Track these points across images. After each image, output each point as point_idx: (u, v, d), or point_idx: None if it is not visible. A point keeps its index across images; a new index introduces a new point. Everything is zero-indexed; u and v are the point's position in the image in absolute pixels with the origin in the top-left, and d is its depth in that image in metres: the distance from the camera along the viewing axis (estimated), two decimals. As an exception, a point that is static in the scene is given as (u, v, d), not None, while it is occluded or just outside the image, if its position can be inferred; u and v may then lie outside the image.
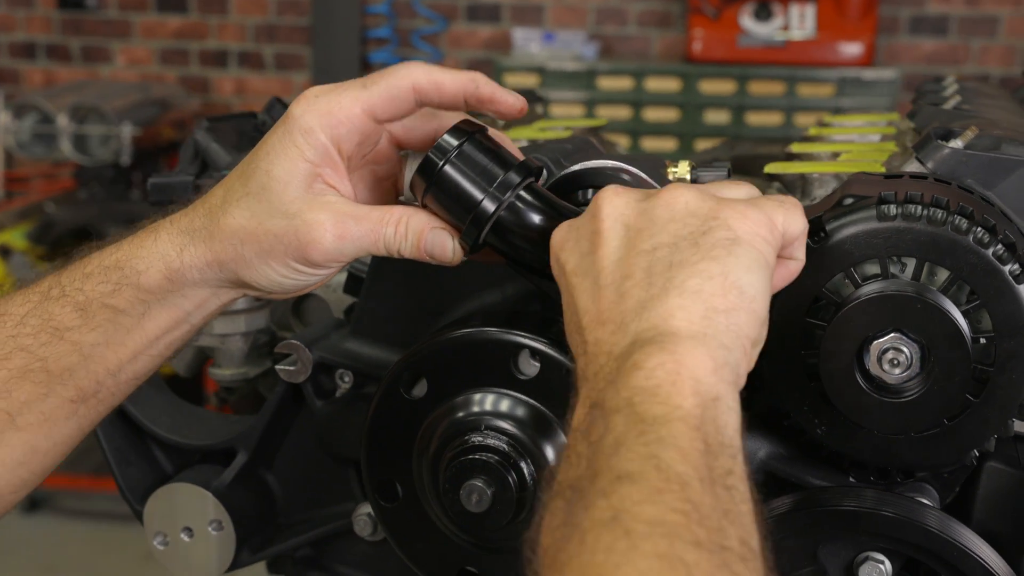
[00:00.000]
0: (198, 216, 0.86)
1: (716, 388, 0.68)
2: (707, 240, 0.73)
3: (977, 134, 1.04)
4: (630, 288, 0.73)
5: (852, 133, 1.45)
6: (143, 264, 0.86)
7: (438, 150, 0.83)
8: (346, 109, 0.83)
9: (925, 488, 0.91)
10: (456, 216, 0.84)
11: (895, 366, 0.84)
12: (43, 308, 0.86)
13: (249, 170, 0.85)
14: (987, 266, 0.84)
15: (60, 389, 0.87)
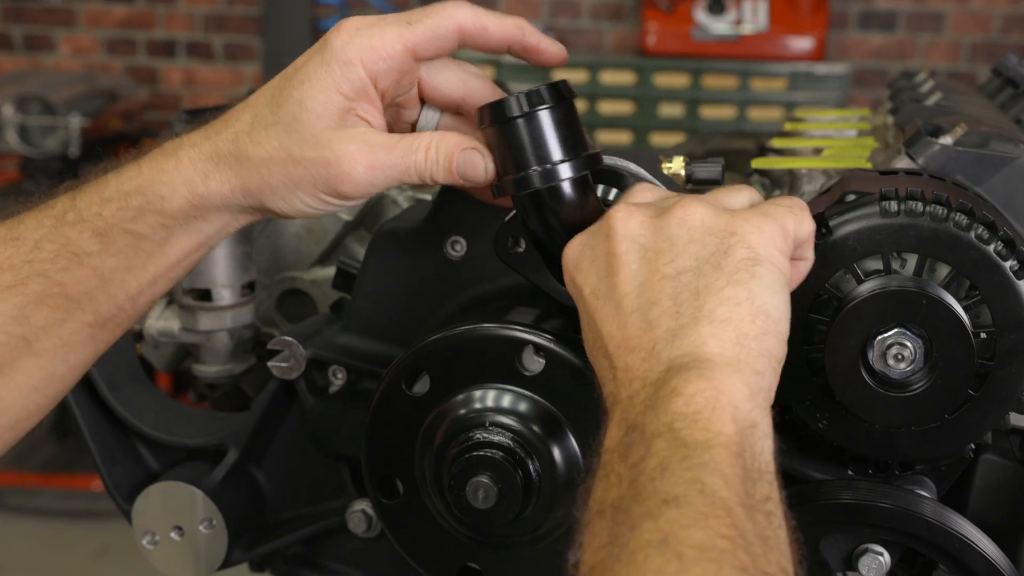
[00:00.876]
0: (223, 140, 0.84)
1: (752, 414, 0.69)
2: (729, 262, 0.74)
3: (966, 131, 1.05)
4: (658, 316, 0.74)
5: (828, 128, 1.47)
6: (166, 189, 0.84)
7: (533, 96, 0.83)
8: (388, 45, 0.82)
9: (923, 480, 0.92)
10: (509, 163, 0.84)
11: (899, 361, 0.85)
12: (59, 232, 0.84)
13: (281, 96, 0.83)
14: (988, 262, 0.85)
15: (79, 314, 0.86)
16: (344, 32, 0.83)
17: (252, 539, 1.11)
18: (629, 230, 0.77)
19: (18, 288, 0.84)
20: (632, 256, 0.76)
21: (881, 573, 0.91)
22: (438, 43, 0.84)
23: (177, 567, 1.09)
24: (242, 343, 1.23)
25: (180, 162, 0.84)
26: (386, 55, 0.82)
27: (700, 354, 0.71)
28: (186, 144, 0.85)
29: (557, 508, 0.91)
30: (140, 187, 0.84)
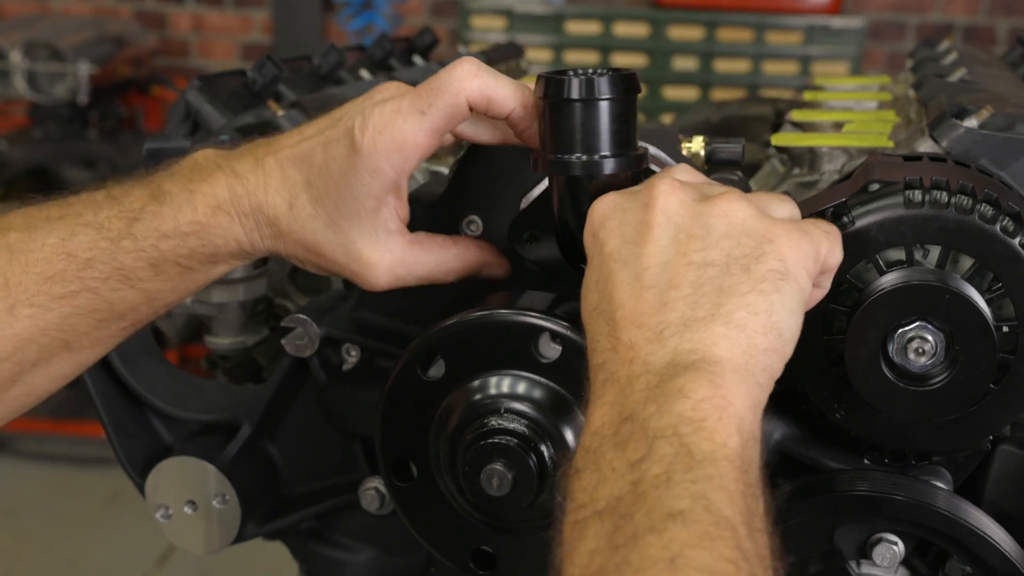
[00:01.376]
0: (268, 208, 0.90)
1: (754, 427, 0.69)
2: (758, 269, 0.73)
3: (992, 113, 1.03)
4: (675, 300, 0.73)
5: (849, 99, 1.45)
6: (220, 240, 0.90)
7: (599, 83, 0.82)
8: (411, 143, 0.87)
9: (939, 471, 0.92)
10: (555, 141, 0.83)
11: (920, 355, 0.84)
12: (114, 256, 0.90)
13: (316, 192, 0.89)
14: (1013, 255, 0.84)
15: (120, 322, 0.93)
16: (369, 135, 0.87)
17: (265, 514, 1.11)
18: (668, 205, 0.76)
19: (67, 299, 0.89)
20: (665, 231, 0.75)
21: (895, 562, 0.91)
22: (453, 120, 0.88)
23: (190, 541, 1.10)
24: (255, 315, 1.23)
25: (232, 220, 0.90)
26: (413, 150, 0.87)
27: (710, 354, 0.70)
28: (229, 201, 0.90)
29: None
30: (197, 232, 0.90)
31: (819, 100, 1.46)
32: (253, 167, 0.91)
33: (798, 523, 0.89)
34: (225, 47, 4.63)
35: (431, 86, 0.88)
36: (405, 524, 0.98)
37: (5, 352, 0.89)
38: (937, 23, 4.25)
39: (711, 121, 1.65)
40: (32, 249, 0.89)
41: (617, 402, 0.70)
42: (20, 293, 0.88)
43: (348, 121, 0.88)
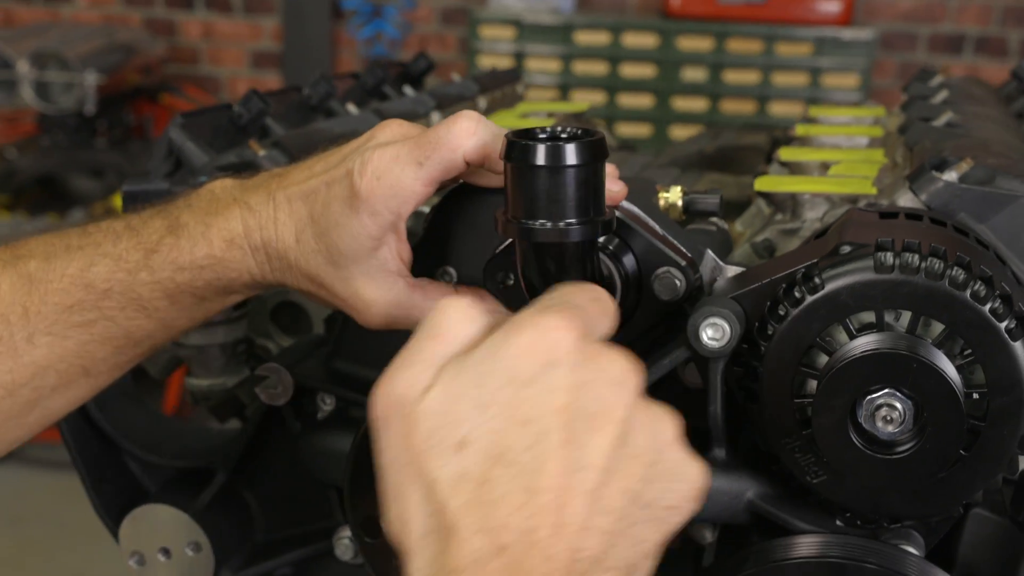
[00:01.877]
0: (272, 246, 0.92)
1: None
2: (667, 526, 0.66)
3: (972, 166, 1.02)
4: (597, 528, 0.63)
5: (839, 135, 1.44)
6: (234, 273, 0.93)
7: (565, 151, 0.79)
8: (408, 190, 0.88)
9: (911, 535, 0.91)
10: (519, 205, 0.82)
11: (888, 423, 0.83)
12: (131, 288, 0.92)
13: (319, 228, 0.90)
14: (983, 322, 0.83)
15: (136, 348, 0.96)
16: (367, 179, 0.88)
17: (240, 561, 1.11)
18: (632, 404, 0.66)
19: (85, 328, 0.92)
20: (619, 434, 0.65)
21: (866, 626, 0.90)
22: (449, 172, 0.89)
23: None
24: (235, 355, 1.22)
25: (245, 253, 0.92)
26: (408, 197, 0.88)
27: None
28: (242, 234, 0.92)
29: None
30: (212, 265, 0.92)
31: (810, 136, 1.45)
32: (265, 201, 0.92)
33: (765, 588, 0.88)
34: (235, 55, 4.64)
35: (430, 139, 0.89)
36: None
37: (24, 378, 0.92)
38: (949, 33, 4.22)
39: (705, 151, 1.64)
40: (51, 279, 0.92)
41: None
42: (39, 322, 0.91)
43: (349, 163, 0.90)
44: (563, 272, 0.85)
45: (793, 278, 0.88)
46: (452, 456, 0.60)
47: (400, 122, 0.94)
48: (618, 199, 0.92)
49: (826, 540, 0.89)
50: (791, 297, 0.87)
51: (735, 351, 0.90)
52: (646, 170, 1.50)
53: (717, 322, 0.89)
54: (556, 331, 0.64)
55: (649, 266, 0.93)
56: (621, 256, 0.93)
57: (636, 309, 0.94)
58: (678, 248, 0.93)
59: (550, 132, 0.84)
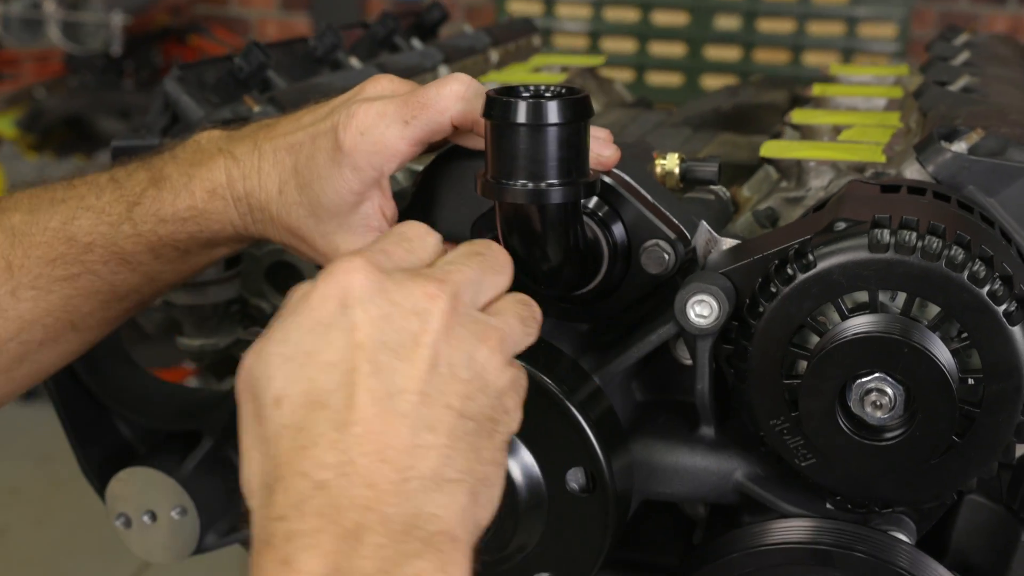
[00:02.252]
0: (255, 196, 0.90)
1: None
2: (498, 438, 0.67)
3: (983, 136, 0.98)
4: (429, 446, 0.64)
5: (857, 96, 1.39)
6: (217, 225, 0.91)
7: (547, 108, 0.76)
8: (392, 148, 0.86)
9: (903, 520, 0.88)
10: (499, 165, 0.79)
11: (878, 408, 0.80)
12: (113, 241, 0.91)
13: (303, 180, 0.88)
14: (980, 305, 0.79)
15: (123, 303, 0.95)
16: (351, 133, 0.85)
17: (227, 526, 1.10)
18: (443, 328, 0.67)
19: (69, 282, 0.92)
20: (431, 358, 0.67)
21: (853, 612, 0.87)
22: (435, 134, 0.87)
23: (149, 551, 1.09)
24: (229, 316, 1.20)
25: (227, 204, 0.90)
26: (392, 155, 0.86)
27: (449, 528, 0.62)
28: (225, 184, 0.90)
29: (519, 532, 0.88)
30: (195, 217, 0.91)
31: (826, 96, 1.40)
32: (250, 151, 0.91)
33: (748, 573, 0.86)
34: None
35: (418, 99, 0.86)
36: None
37: (10, 333, 0.91)
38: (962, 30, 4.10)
39: (722, 110, 1.59)
40: (34, 232, 0.91)
41: (336, 552, 0.59)
42: (23, 276, 0.91)
43: (335, 116, 0.88)
44: (544, 235, 0.82)
45: (786, 254, 0.84)
46: (274, 412, 0.63)
47: (391, 78, 0.92)
48: (609, 164, 0.89)
49: (812, 525, 0.86)
50: (782, 274, 0.84)
51: (725, 328, 0.87)
52: (658, 129, 1.46)
53: (705, 299, 0.86)
54: (348, 273, 0.66)
55: (638, 237, 0.90)
56: (610, 224, 0.90)
57: (624, 280, 0.91)
58: (669, 219, 0.90)
59: (533, 90, 0.81)
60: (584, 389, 0.88)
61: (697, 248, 0.93)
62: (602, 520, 0.87)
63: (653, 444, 0.92)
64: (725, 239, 0.93)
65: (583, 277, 0.90)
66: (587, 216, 0.90)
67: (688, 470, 0.91)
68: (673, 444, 0.92)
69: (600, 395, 0.89)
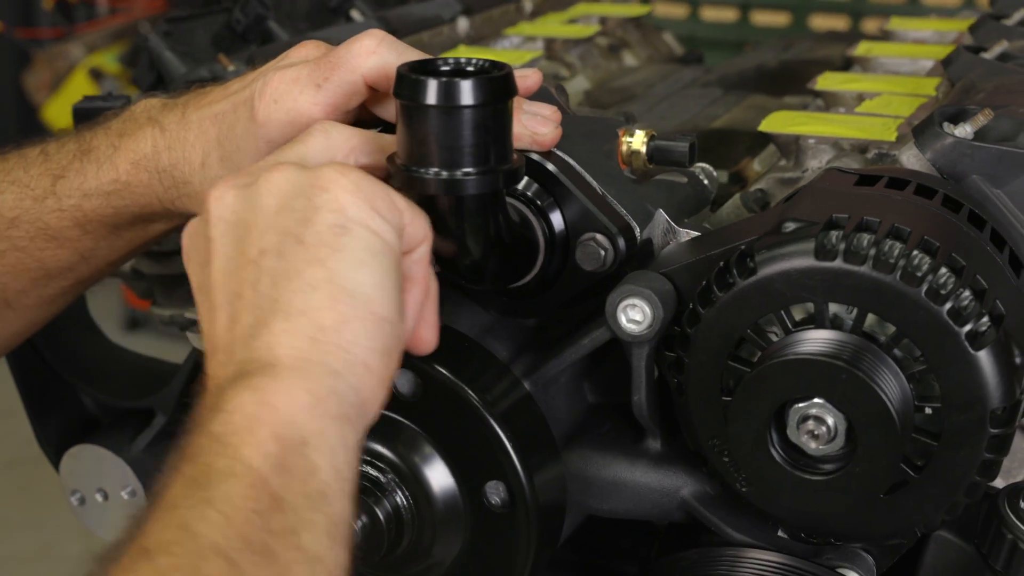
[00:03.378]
0: (178, 169, 0.85)
1: (308, 427, 0.59)
2: (312, 233, 0.64)
3: (992, 118, 0.86)
4: (240, 310, 0.64)
5: (903, 58, 1.25)
6: (143, 199, 0.86)
7: (462, 88, 0.69)
8: (305, 113, 0.80)
9: (859, 556, 0.78)
10: (409, 151, 0.71)
11: (814, 438, 0.71)
12: (38, 217, 0.88)
13: (224, 152, 0.83)
14: (938, 325, 0.69)
15: (58, 281, 0.91)
16: (265, 103, 0.80)
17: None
18: (223, 208, 0.67)
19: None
20: (225, 239, 0.66)
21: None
22: (353, 97, 0.80)
23: (103, 528, 1.06)
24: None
25: (152, 177, 0.85)
26: (305, 126, 0.78)
27: (269, 358, 0.61)
28: (152, 152, 0.85)
29: (437, 544, 0.82)
30: (119, 191, 0.86)
31: (869, 56, 1.27)
32: (178, 121, 0.86)
33: (678, 605, 0.78)
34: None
35: (329, 59, 0.80)
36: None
37: None
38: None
39: (766, 66, 1.47)
40: None
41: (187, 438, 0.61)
42: None
43: (254, 84, 0.82)
44: (461, 228, 0.74)
45: (730, 256, 0.75)
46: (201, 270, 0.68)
47: (317, 43, 0.85)
48: (546, 145, 0.80)
49: (740, 556, 0.77)
50: (722, 280, 0.74)
51: (669, 333, 0.78)
52: (686, 89, 1.35)
53: (637, 303, 0.77)
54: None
55: (576, 229, 0.81)
56: (548, 213, 0.81)
57: (560, 275, 0.82)
58: (612, 209, 0.81)
59: (453, 65, 0.73)
60: (508, 397, 0.80)
61: (654, 240, 0.84)
62: (523, 537, 0.80)
63: (589, 456, 0.84)
64: (684, 230, 0.84)
65: (514, 271, 0.82)
66: (523, 203, 0.82)
67: (627, 485, 0.83)
68: (612, 457, 0.83)
69: (527, 403, 0.81)
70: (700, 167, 0.97)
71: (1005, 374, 0.69)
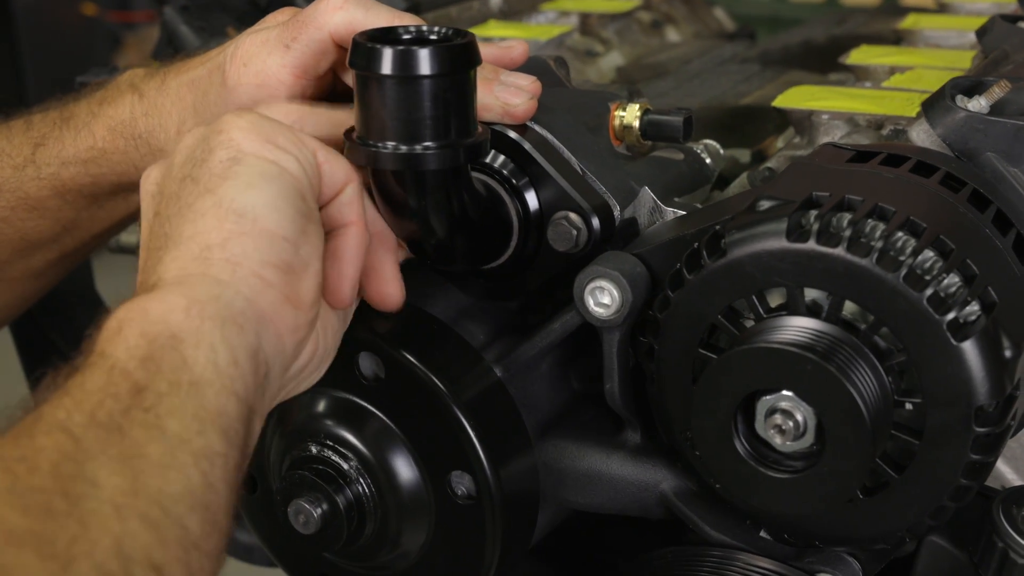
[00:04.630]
0: (154, 136, 0.84)
1: (182, 325, 0.57)
2: (205, 170, 0.63)
3: (1009, 90, 0.79)
4: (147, 261, 0.64)
5: (949, 30, 1.18)
6: (120, 167, 0.85)
7: (420, 57, 0.65)
8: (274, 76, 0.78)
9: (844, 560, 0.73)
10: (366, 124, 0.68)
11: (780, 432, 0.65)
12: (18, 186, 0.88)
13: (199, 119, 0.82)
14: (918, 314, 0.63)
15: (43, 252, 0.91)
16: (235, 66, 0.79)
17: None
18: (149, 184, 0.68)
19: None
20: (149, 211, 0.67)
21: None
22: (323, 57, 0.77)
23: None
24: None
25: (128, 144, 0.85)
26: (275, 89, 0.78)
27: (154, 283, 0.60)
28: (129, 124, 0.84)
29: (404, 533, 0.79)
30: (96, 159, 0.85)
31: (915, 28, 1.20)
32: (157, 87, 0.85)
33: (645, 605, 0.74)
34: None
35: (297, 18, 0.78)
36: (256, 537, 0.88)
37: None
38: None
39: (813, 41, 1.40)
40: None
41: None
42: None
43: (228, 49, 0.81)
44: (422, 205, 0.71)
45: (703, 236, 0.70)
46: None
47: (293, 9, 0.82)
48: (519, 117, 0.76)
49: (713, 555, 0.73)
50: (693, 262, 0.69)
51: (644, 319, 0.74)
52: (723, 65, 1.29)
53: (605, 285, 0.72)
54: None
55: (550, 207, 0.77)
56: (524, 191, 0.77)
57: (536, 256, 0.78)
58: (589, 188, 0.77)
59: (415, 34, 0.69)
60: (476, 384, 0.77)
61: (640, 220, 0.79)
62: (490, 529, 0.76)
63: (565, 446, 0.79)
64: (671, 209, 0.79)
65: (487, 251, 0.78)
66: (496, 181, 0.78)
67: (603, 478, 0.79)
68: (587, 447, 0.79)
69: (496, 390, 0.77)
70: (704, 144, 0.92)
71: (993, 368, 0.63)
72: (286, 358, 0.63)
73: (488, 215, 0.76)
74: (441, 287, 0.82)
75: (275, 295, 0.61)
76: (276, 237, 0.61)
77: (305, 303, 0.63)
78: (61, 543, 0.47)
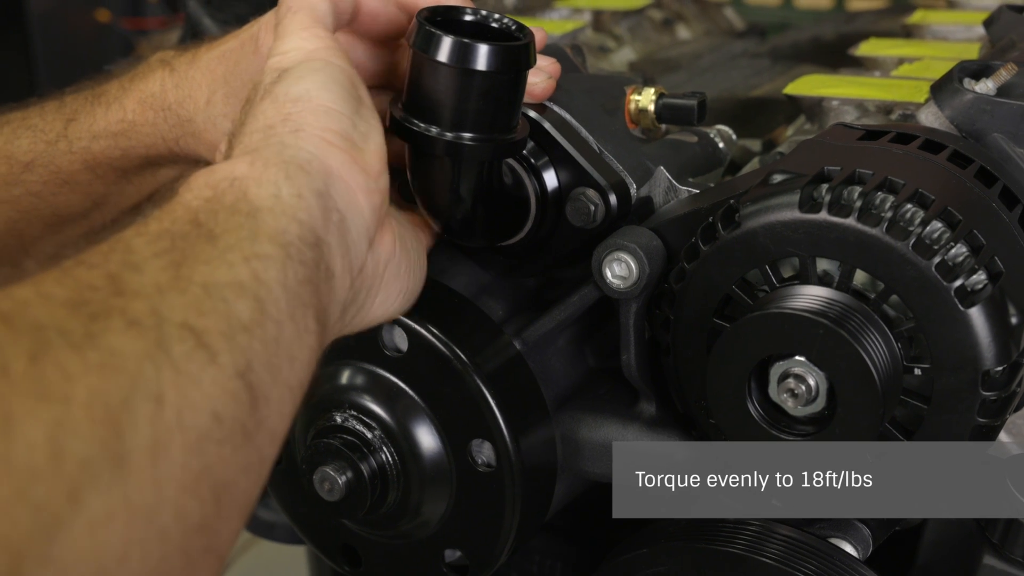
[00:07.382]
0: (183, 107, 0.84)
1: (246, 172, 0.58)
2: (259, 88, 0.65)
3: (1015, 73, 0.81)
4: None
5: (957, 24, 1.20)
6: (149, 139, 0.86)
7: (479, 52, 0.66)
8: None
9: (853, 526, 0.75)
10: (415, 102, 0.70)
11: (793, 396, 0.68)
12: (50, 160, 0.89)
13: (230, 89, 0.82)
14: (925, 281, 0.65)
15: (73, 227, 0.92)
16: (269, 34, 0.76)
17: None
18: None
19: (11, 204, 0.89)
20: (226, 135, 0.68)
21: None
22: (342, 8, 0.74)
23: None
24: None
25: (157, 115, 0.86)
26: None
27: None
28: (160, 91, 0.85)
29: (425, 503, 0.81)
30: (126, 131, 0.86)
31: (923, 23, 1.23)
32: (189, 61, 0.86)
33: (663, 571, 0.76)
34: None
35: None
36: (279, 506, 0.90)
37: None
38: None
39: (822, 38, 1.42)
40: None
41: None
42: None
43: (263, 19, 0.82)
44: (455, 186, 0.73)
45: (718, 210, 0.72)
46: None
47: None
48: (539, 96, 0.79)
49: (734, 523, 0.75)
50: (708, 234, 0.72)
51: (661, 291, 0.76)
52: (733, 60, 1.32)
53: (623, 257, 0.75)
54: None
55: (568, 184, 0.79)
56: (541, 169, 0.80)
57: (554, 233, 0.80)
58: (606, 166, 0.79)
59: (478, 20, 0.71)
60: (497, 356, 0.79)
61: (655, 199, 0.82)
62: (509, 498, 0.78)
63: (581, 417, 0.82)
64: (685, 188, 0.81)
65: (507, 228, 0.80)
66: (515, 158, 0.80)
67: (619, 449, 0.81)
68: (603, 419, 0.81)
69: (516, 362, 0.80)
70: (718, 129, 0.94)
71: (999, 333, 0.65)
72: (364, 219, 0.63)
73: (508, 193, 0.79)
74: (462, 263, 0.84)
75: (340, 154, 0.62)
76: (332, 110, 0.63)
77: (372, 170, 0.64)
78: (96, 304, 0.48)
